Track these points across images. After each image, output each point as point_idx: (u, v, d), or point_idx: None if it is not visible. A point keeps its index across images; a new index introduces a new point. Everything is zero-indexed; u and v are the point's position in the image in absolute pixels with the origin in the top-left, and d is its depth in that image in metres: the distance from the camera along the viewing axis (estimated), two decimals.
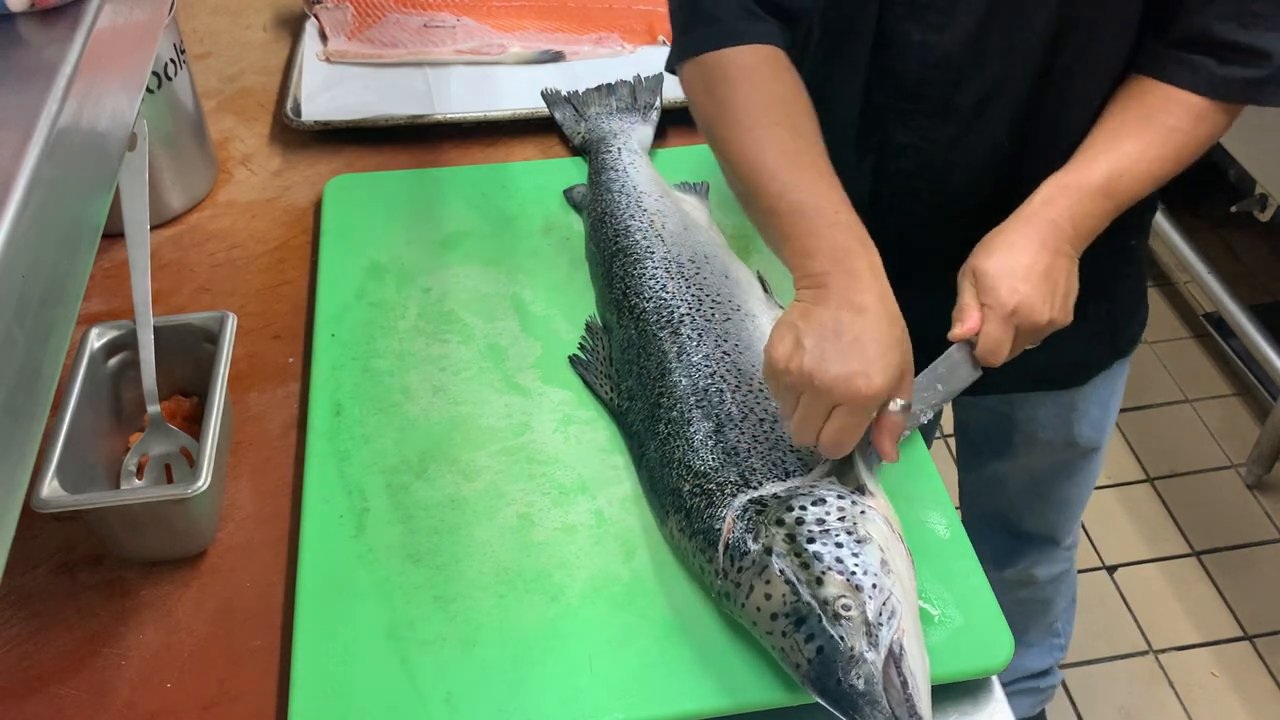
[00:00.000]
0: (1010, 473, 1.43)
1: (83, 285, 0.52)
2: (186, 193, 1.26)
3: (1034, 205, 0.93)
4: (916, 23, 0.98)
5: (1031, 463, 1.40)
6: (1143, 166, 0.94)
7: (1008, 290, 0.88)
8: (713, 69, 0.97)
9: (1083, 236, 0.93)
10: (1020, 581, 1.56)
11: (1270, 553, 2.17)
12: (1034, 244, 0.90)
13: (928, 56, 0.99)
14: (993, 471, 1.45)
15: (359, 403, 1.00)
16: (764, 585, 0.77)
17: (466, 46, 1.47)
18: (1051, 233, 0.91)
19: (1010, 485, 1.46)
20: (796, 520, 0.79)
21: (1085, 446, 1.36)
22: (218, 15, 1.60)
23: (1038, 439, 1.35)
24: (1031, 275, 0.89)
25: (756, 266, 1.10)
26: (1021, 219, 0.92)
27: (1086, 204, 0.92)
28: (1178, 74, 0.95)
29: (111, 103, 0.56)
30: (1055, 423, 1.33)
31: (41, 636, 0.86)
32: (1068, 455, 1.38)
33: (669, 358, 0.96)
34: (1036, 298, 0.88)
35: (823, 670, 0.73)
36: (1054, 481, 1.44)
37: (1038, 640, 1.68)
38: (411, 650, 0.82)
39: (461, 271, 1.14)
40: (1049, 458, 1.39)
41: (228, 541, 0.93)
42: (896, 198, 1.10)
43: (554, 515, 0.92)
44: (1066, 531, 1.53)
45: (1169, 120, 0.95)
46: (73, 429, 0.87)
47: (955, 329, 0.90)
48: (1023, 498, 1.47)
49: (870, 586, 0.75)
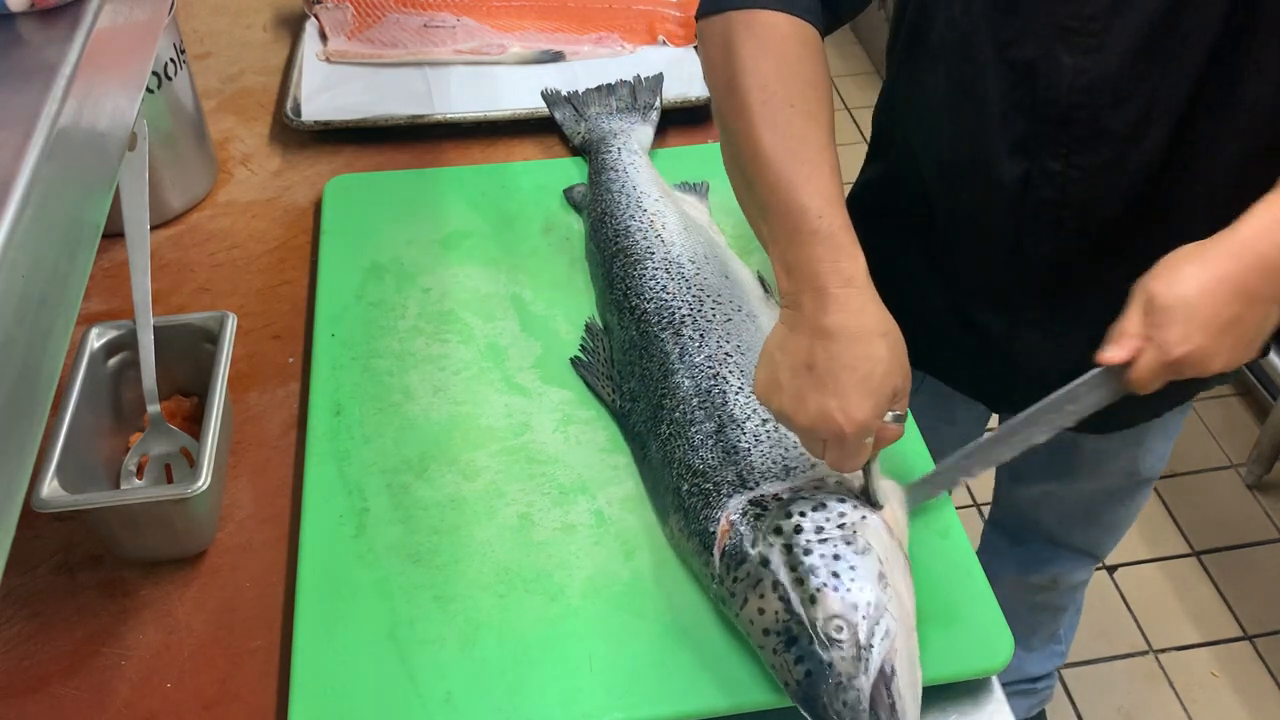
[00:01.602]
0: (1064, 493, 1.39)
1: (83, 285, 0.52)
2: (186, 193, 1.26)
3: (1243, 235, 0.80)
4: (1067, 47, 0.91)
5: (1089, 487, 1.36)
6: None
7: (1180, 336, 0.77)
8: (741, 28, 0.89)
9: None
10: (1042, 586, 1.53)
11: (1270, 553, 2.17)
12: (1230, 288, 0.78)
13: (1079, 81, 0.91)
14: (1045, 489, 1.40)
15: (359, 403, 1.00)
16: (758, 599, 0.77)
17: (466, 46, 1.47)
18: (1256, 273, 0.79)
19: (1062, 503, 1.42)
20: (795, 528, 0.78)
21: (1146, 476, 1.33)
22: (218, 15, 1.60)
23: (1102, 468, 1.31)
24: (1213, 324, 0.78)
25: (756, 266, 1.10)
26: (1226, 250, 0.80)
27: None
28: None
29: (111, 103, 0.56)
30: (1123, 455, 1.29)
31: (41, 636, 0.86)
32: (1127, 484, 1.34)
33: (671, 359, 0.96)
34: (1211, 351, 0.78)
35: (810, 692, 0.73)
36: (1108, 505, 1.40)
37: (1040, 646, 1.67)
38: (411, 650, 0.82)
39: (461, 271, 1.14)
40: (1108, 484, 1.35)
41: (228, 541, 0.93)
42: (1042, 227, 1.01)
43: (554, 515, 0.92)
44: (1109, 549, 1.50)
45: None
46: (73, 429, 0.87)
47: (1107, 351, 0.80)
48: (1073, 516, 1.43)
49: (865, 604, 0.74)
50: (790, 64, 0.88)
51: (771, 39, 0.88)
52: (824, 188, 0.82)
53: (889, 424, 0.79)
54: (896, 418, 0.79)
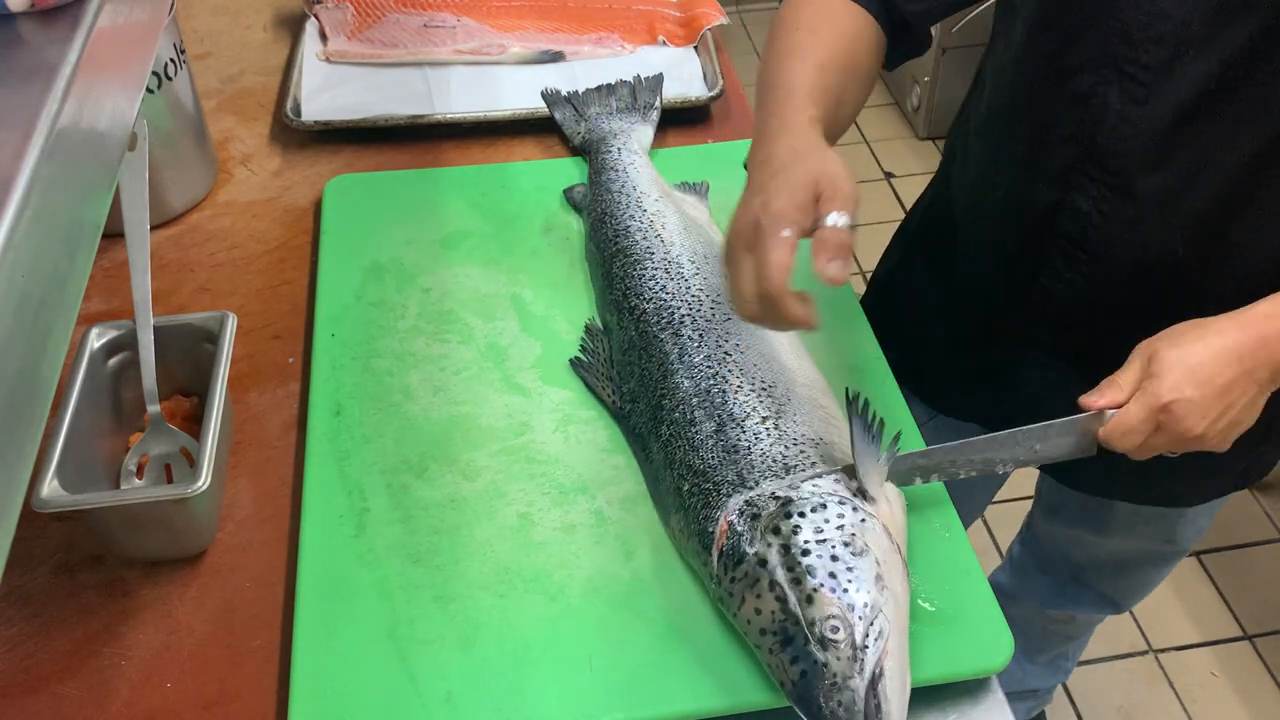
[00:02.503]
0: (1096, 542, 1.37)
1: (83, 285, 0.52)
2: (186, 193, 1.26)
3: (1253, 313, 0.82)
4: (1119, 90, 0.88)
5: (1122, 544, 1.34)
6: None
7: (1171, 385, 0.79)
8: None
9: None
10: (1060, 620, 1.53)
11: (1270, 553, 2.17)
12: (1229, 353, 0.80)
13: (1123, 130, 0.89)
14: (1078, 534, 1.38)
15: (359, 403, 1.00)
16: (755, 599, 0.77)
17: (466, 46, 1.47)
18: (1255, 350, 0.81)
19: (1093, 551, 1.40)
20: (793, 529, 0.78)
21: (1182, 547, 1.31)
22: (218, 15, 1.60)
23: (1136, 530, 1.29)
24: (1207, 383, 0.79)
25: None
26: (1233, 320, 0.82)
27: None
28: None
29: (111, 103, 0.56)
30: (1159, 523, 1.26)
31: (41, 636, 0.86)
32: (1163, 549, 1.33)
33: (670, 359, 0.96)
34: (1198, 408, 0.79)
35: (805, 691, 0.73)
36: (1140, 565, 1.38)
37: (1046, 663, 1.66)
38: (411, 650, 0.82)
39: (461, 271, 1.14)
40: (1143, 546, 1.33)
41: (228, 541, 0.93)
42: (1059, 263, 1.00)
43: (554, 515, 0.92)
44: (1132, 604, 1.49)
45: None
46: (73, 429, 0.87)
47: (1092, 396, 0.83)
48: (1103, 566, 1.41)
49: (862, 605, 0.74)
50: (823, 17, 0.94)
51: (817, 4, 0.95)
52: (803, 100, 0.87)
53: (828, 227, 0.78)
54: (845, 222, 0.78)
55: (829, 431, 0.90)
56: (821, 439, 0.88)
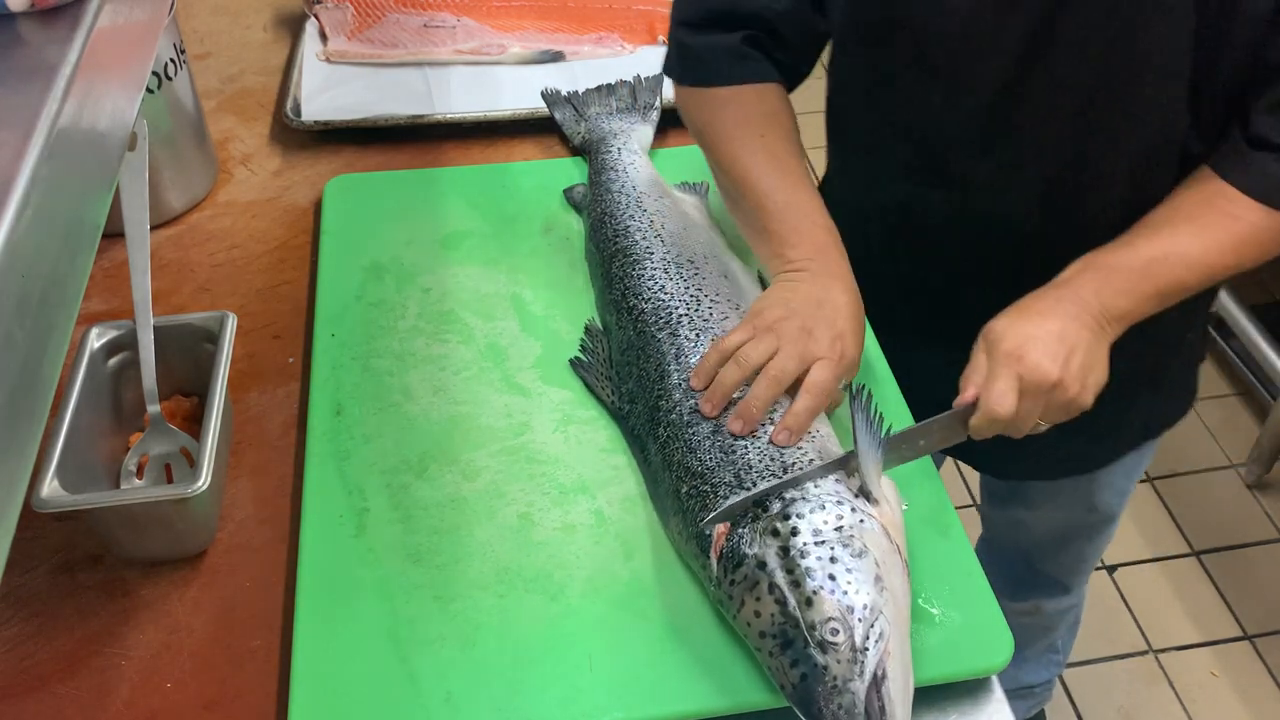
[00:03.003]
0: (1032, 521, 1.43)
1: (83, 285, 0.52)
2: (186, 193, 1.26)
3: (1062, 278, 0.90)
4: (939, 87, 0.97)
5: (1053, 516, 1.40)
6: (1193, 253, 0.89)
7: (1013, 344, 0.85)
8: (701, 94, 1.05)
9: (1114, 317, 0.88)
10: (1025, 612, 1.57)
11: (1270, 553, 2.17)
12: (1053, 311, 0.87)
13: (947, 123, 0.98)
14: (1015, 513, 1.45)
15: (359, 403, 1.00)
16: (754, 602, 0.77)
17: (466, 46, 1.47)
18: (1074, 305, 0.87)
19: (1032, 531, 1.45)
20: (792, 530, 0.78)
21: (1106, 514, 1.37)
22: (218, 15, 1.60)
23: (1059, 501, 1.35)
24: (1043, 335, 0.85)
25: (756, 266, 1.10)
26: (1048, 289, 0.90)
27: (1119, 283, 0.88)
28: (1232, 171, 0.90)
29: (111, 103, 0.56)
30: (1076, 491, 1.32)
31: (41, 636, 0.86)
32: (1090, 519, 1.38)
33: (667, 359, 0.96)
34: (1045, 355, 0.84)
35: (806, 695, 0.72)
36: (1072, 536, 1.44)
37: (1035, 656, 1.68)
38: (411, 650, 0.82)
39: (461, 271, 1.14)
40: (1071, 517, 1.39)
41: (228, 541, 0.93)
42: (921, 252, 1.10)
43: (554, 515, 0.92)
44: (1079, 581, 1.54)
45: (1231, 208, 0.89)
46: (73, 429, 0.87)
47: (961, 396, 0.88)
48: (1043, 541, 1.47)
49: (862, 607, 0.74)
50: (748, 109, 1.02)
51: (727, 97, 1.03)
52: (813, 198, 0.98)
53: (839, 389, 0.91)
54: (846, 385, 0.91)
55: (822, 423, 0.90)
56: (817, 431, 0.88)
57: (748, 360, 0.89)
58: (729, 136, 1.02)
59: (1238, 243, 0.89)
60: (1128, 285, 0.89)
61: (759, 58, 1.03)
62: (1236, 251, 0.89)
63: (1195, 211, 0.91)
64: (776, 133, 1.01)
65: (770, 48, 1.04)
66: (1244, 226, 0.89)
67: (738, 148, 1.01)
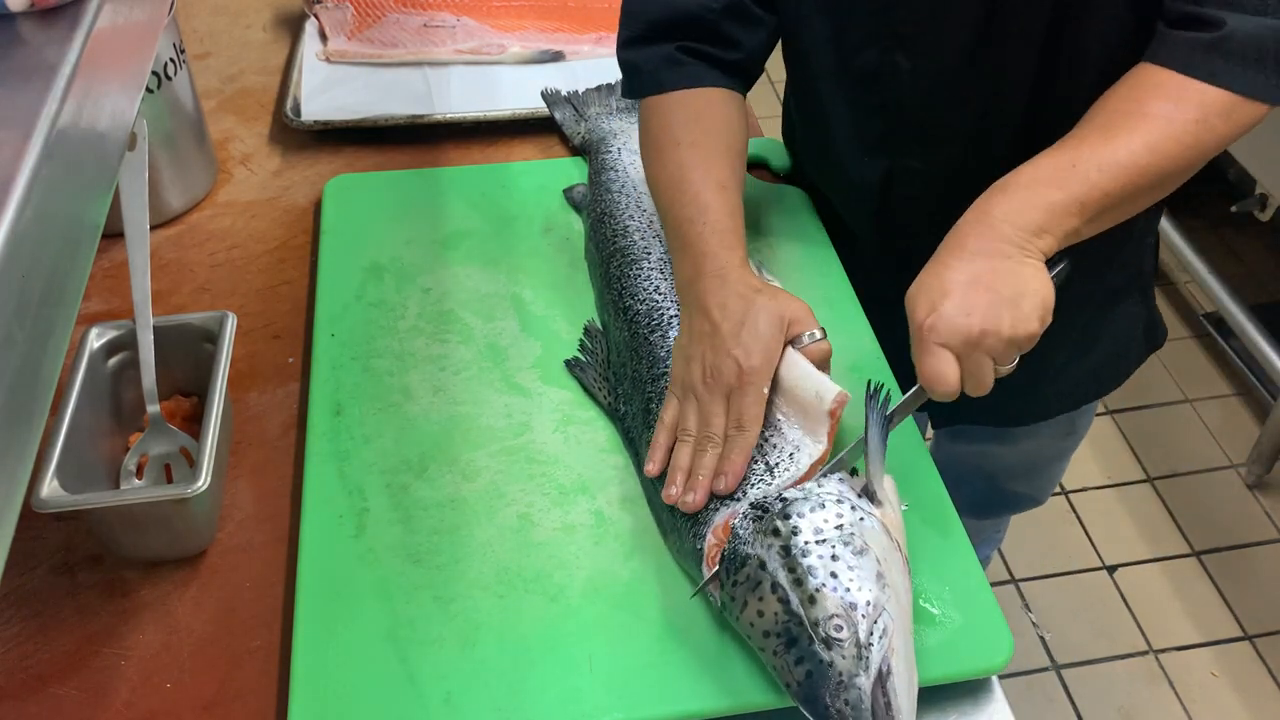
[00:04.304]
0: (1003, 451, 1.46)
1: (83, 285, 0.52)
2: (186, 193, 1.26)
3: (968, 211, 0.86)
4: (905, 52, 0.98)
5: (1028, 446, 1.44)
6: (1102, 155, 0.84)
7: (924, 311, 0.81)
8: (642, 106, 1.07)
9: (1032, 232, 0.83)
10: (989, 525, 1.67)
11: (1270, 553, 2.17)
12: (951, 253, 0.83)
13: (919, 83, 0.99)
14: (984, 449, 1.47)
15: (359, 403, 1.00)
16: (757, 602, 0.76)
17: (466, 46, 1.47)
18: (981, 237, 0.83)
19: (1002, 459, 1.49)
20: (793, 530, 0.78)
21: (1082, 434, 1.42)
22: (218, 15, 1.60)
23: (1040, 435, 1.38)
24: (951, 289, 0.81)
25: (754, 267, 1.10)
26: (957, 225, 0.86)
27: (1026, 197, 0.84)
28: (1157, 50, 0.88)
29: (111, 103, 0.56)
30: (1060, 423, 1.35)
31: (41, 636, 0.86)
32: (1067, 443, 1.44)
33: (659, 361, 0.96)
34: (958, 313, 0.80)
35: (812, 692, 0.72)
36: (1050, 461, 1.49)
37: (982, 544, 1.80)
38: (411, 650, 0.82)
39: (461, 271, 1.14)
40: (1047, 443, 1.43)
41: (228, 541, 0.93)
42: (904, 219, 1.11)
43: (554, 515, 0.92)
44: (1049, 492, 1.60)
45: (1142, 107, 0.86)
46: (73, 429, 0.87)
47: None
48: (1014, 470, 1.51)
49: (865, 604, 0.74)
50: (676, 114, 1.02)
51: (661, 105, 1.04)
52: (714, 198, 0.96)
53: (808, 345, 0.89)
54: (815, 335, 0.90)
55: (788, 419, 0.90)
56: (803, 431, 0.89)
57: (689, 434, 0.89)
58: (648, 145, 1.04)
59: (1151, 139, 0.85)
60: (1035, 198, 0.83)
61: (693, 63, 1.04)
62: (1151, 148, 0.84)
63: (1105, 120, 0.87)
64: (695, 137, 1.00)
65: (718, 50, 1.04)
66: (1154, 122, 0.85)
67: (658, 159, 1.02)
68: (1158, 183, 0.86)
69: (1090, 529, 2.21)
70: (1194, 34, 0.86)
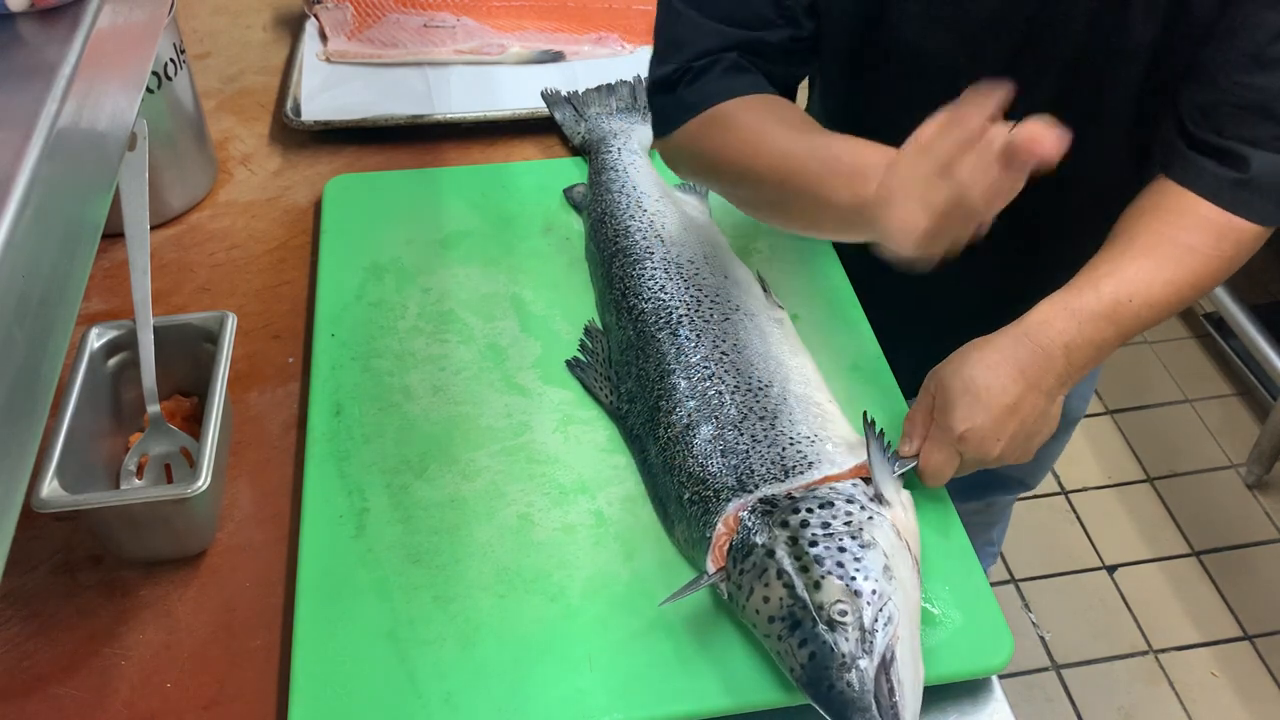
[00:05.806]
0: None
1: (83, 285, 0.52)
2: (186, 193, 1.26)
3: (1027, 324, 0.87)
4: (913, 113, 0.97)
5: None
6: (1156, 291, 0.87)
7: (962, 416, 0.84)
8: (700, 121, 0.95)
9: (1076, 368, 0.86)
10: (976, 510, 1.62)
11: (1270, 553, 2.17)
12: (1012, 370, 0.84)
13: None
14: None
15: (359, 403, 1.00)
16: (763, 588, 0.77)
17: (466, 46, 1.47)
18: (1036, 361, 0.85)
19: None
20: (802, 523, 0.79)
21: (1071, 418, 1.40)
22: (218, 15, 1.60)
23: None
24: (994, 406, 0.83)
25: (756, 267, 1.10)
26: (1010, 335, 0.86)
27: (1087, 330, 0.86)
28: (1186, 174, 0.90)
29: (111, 103, 0.56)
30: None
31: (41, 636, 0.86)
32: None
33: (667, 359, 0.96)
34: (990, 432, 0.83)
35: (815, 674, 0.73)
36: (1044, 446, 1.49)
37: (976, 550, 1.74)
38: (411, 650, 0.82)
39: (461, 271, 1.14)
40: None
41: (228, 541, 0.93)
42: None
43: (554, 515, 0.92)
44: (1040, 477, 1.60)
45: (1187, 238, 0.89)
46: (73, 429, 0.87)
47: (902, 445, 0.89)
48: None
49: (870, 592, 0.74)
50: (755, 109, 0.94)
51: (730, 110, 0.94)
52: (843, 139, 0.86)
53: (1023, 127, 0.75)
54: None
55: (825, 427, 0.90)
56: (817, 436, 0.89)
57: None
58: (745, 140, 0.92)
59: (1195, 277, 0.89)
60: (1094, 333, 0.86)
61: (752, 71, 1.00)
62: (1194, 285, 0.89)
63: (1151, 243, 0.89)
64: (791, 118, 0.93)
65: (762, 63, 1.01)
66: (1197, 258, 0.88)
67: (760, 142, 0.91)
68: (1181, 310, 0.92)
69: (1090, 529, 2.21)
70: (1224, 169, 0.89)
